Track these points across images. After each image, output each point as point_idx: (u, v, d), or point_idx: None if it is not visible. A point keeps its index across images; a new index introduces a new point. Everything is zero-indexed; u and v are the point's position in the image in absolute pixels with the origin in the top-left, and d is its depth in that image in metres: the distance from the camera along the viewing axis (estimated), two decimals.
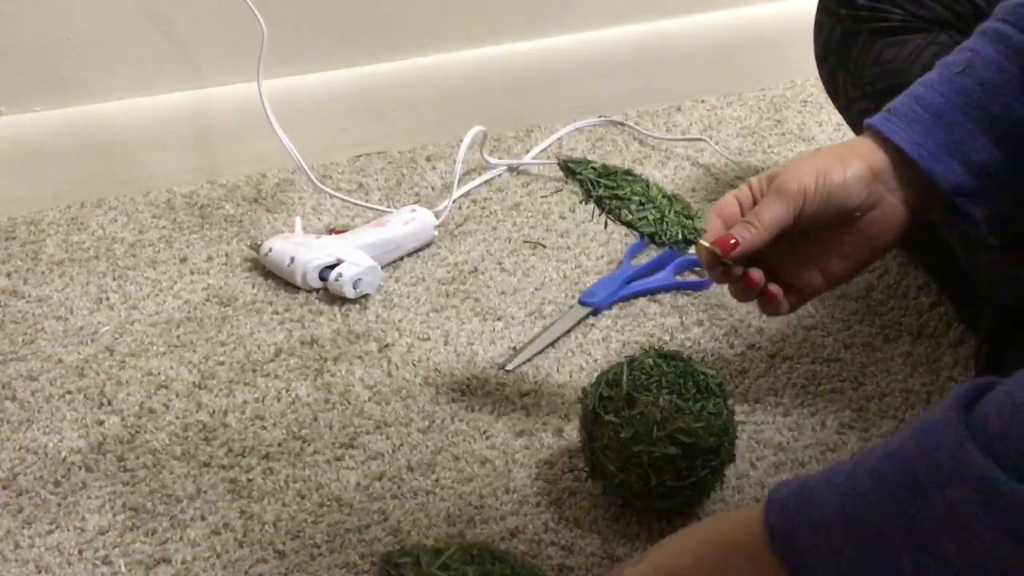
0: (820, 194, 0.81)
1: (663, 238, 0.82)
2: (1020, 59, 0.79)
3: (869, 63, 1.04)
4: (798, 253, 0.86)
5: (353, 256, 1.15)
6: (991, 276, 0.96)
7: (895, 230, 0.83)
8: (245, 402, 1.01)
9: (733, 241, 0.82)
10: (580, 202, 0.85)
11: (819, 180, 0.81)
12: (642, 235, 0.83)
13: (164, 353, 1.08)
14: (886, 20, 1.03)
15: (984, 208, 0.82)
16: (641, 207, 0.82)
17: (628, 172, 0.85)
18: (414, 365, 1.05)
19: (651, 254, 1.19)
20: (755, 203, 0.85)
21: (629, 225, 0.82)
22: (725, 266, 0.84)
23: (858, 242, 0.84)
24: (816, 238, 0.85)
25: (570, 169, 0.84)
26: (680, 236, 0.84)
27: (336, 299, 1.14)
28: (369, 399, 1.01)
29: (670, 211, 0.83)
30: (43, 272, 1.21)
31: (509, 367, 1.04)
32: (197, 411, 1.00)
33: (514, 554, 0.83)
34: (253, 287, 1.18)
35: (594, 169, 0.84)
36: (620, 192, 0.82)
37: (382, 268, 1.17)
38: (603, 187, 0.82)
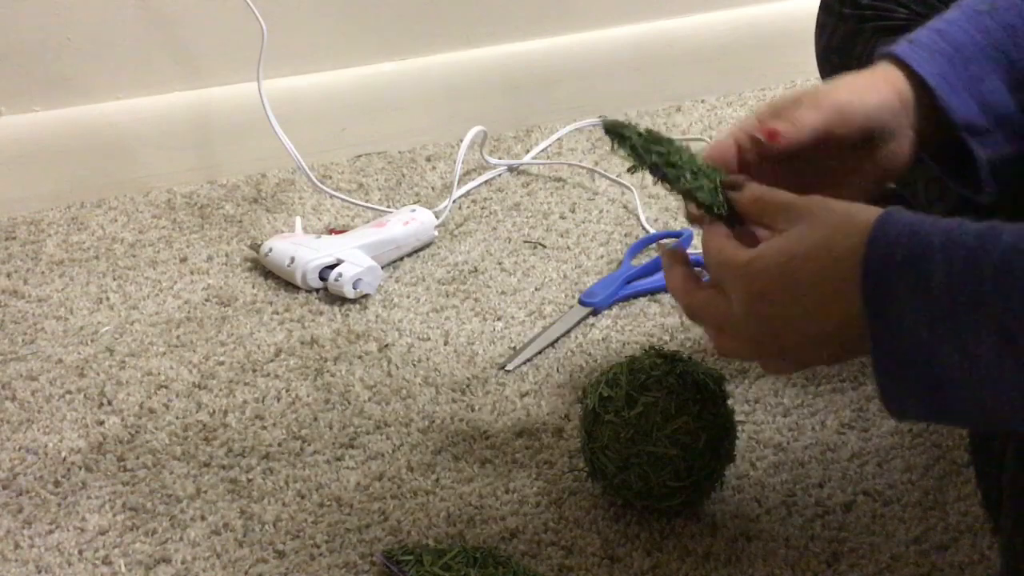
0: (857, 115, 0.77)
1: (719, 210, 0.76)
2: None
3: (872, 62, 1.03)
4: (805, 186, 0.82)
5: (353, 256, 1.15)
6: None
7: (903, 165, 0.80)
8: (245, 402, 1.01)
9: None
10: (629, 169, 0.78)
11: (854, 100, 0.77)
12: (699, 204, 0.76)
13: (164, 353, 1.08)
14: (890, 19, 1.02)
15: (989, 151, 0.81)
16: (695, 176, 0.77)
17: (670, 139, 0.79)
18: (414, 365, 1.05)
19: (651, 254, 1.19)
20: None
21: (687, 194, 0.76)
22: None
23: (869, 174, 0.80)
24: (824, 168, 0.81)
25: (619, 133, 0.77)
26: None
27: (336, 299, 1.14)
28: (369, 399, 1.01)
29: (718, 181, 0.77)
30: (43, 272, 1.21)
31: (509, 367, 1.04)
32: (197, 411, 1.00)
33: (516, 559, 0.83)
34: (253, 287, 1.18)
35: (639, 134, 0.77)
36: (672, 159, 0.77)
37: (382, 268, 1.17)
38: (655, 154, 0.77)
